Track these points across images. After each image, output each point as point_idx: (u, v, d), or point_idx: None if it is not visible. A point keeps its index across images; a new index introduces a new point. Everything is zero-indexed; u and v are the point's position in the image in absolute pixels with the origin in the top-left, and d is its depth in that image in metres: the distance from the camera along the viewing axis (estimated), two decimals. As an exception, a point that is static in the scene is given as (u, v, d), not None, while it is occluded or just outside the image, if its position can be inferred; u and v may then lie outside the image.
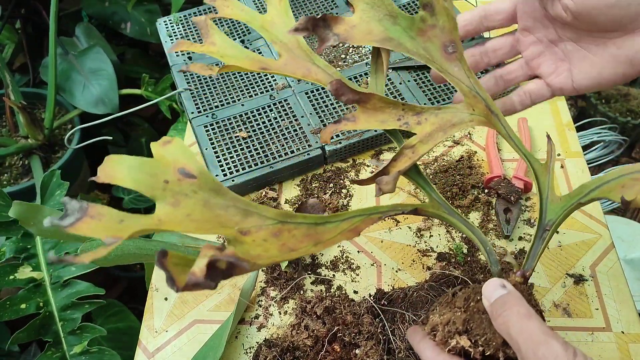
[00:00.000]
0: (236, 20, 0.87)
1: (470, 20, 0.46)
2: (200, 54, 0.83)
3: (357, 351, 0.53)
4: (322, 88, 0.77)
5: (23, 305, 0.70)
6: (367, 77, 0.77)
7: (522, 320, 0.34)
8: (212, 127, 0.73)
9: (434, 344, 0.40)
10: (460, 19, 0.46)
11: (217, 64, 0.81)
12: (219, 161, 0.69)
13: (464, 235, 0.65)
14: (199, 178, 0.32)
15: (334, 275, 0.62)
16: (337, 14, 0.88)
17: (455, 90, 0.45)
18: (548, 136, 0.45)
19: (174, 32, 0.86)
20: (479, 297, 0.38)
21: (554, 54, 0.44)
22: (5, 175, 1.17)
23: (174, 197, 0.31)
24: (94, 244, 0.50)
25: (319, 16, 0.43)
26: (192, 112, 0.75)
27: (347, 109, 0.74)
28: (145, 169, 0.31)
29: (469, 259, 0.62)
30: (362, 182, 0.42)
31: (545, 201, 0.42)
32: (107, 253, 0.28)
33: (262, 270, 0.63)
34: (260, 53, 0.82)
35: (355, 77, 0.78)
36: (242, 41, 0.84)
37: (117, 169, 0.31)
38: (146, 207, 1.26)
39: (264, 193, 0.70)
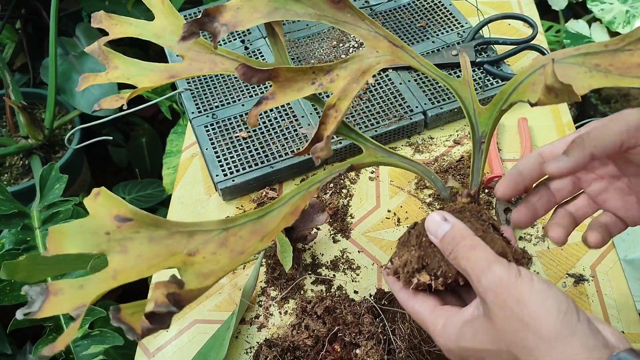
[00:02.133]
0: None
1: (531, 168, 0.42)
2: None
3: (357, 351, 0.53)
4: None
5: (23, 292, 0.71)
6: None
7: (468, 253, 0.35)
8: (213, 127, 0.73)
9: (401, 286, 0.41)
10: (519, 167, 0.42)
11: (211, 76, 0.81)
12: (219, 161, 0.69)
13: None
14: (135, 219, 0.34)
15: (334, 275, 0.62)
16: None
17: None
18: (460, 50, 0.46)
19: (174, 32, 0.86)
20: (426, 232, 0.39)
21: (619, 188, 0.42)
22: (6, 175, 1.17)
23: (120, 244, 0.33)
24: (103, 259, 0.50)
25: (199, 14, 0.42)
26: (193, 112, 0.75)
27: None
28: (86, 229, 0.33)
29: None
30: (300, 153, 0.42)
31: (473, 115, 0.43)
32: (79, 325, 0.29)
33: (263, 271, 0.63)
34: (260, 53, 0.82)
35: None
36: (242, 41, 0.84)
37: (62, 240, 0.32)
38: (146, 207, 1.26)
39: (264, 193, 0.70)
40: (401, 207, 0.68)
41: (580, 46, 0.38)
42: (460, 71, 0.78)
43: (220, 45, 0.84)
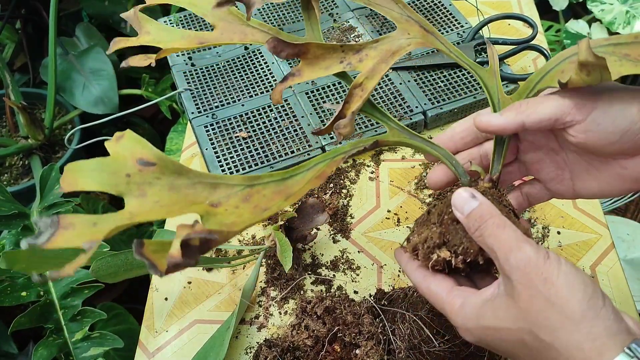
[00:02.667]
0: (236, 21, 0.87)
1: (468, 131, 0.44)
2: (200, 52, 0.83)
3: (357, 351, 0.53)
4: (322, 88, 0.77)
5: (24, 293, 0.71)
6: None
7: (496, 231, 0.35)
8: (213, 127, 0.73)
9: (418, 266, 0.41)
10: (456, 128, 0.44)
11: (215, 65, 0.81)
12: (219, 161, 0.69)
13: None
14: (158, 164, 0.33)
15: (334, 275, 0.62)
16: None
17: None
18: (487, 40, 0.46)
19: (174, 32, 0.86)
20: (450, 210, 0.39)
21: (555, 161, 0.43)
22: (6, 175, 1.17)
23: (139, 188, 0.32)
24: (104, 261, 0.50)
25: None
26: (192, 112, 0.75)
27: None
28: (105, 168, 0.32)
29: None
30: (320, 132, 0.42)
31: (497, 105, 0.43)
32: (88, 259, 0.28)
33: (263, 271, 0.63)
34: (260, 54, 0.82)
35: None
36: (242, 41, 0.84)
37: (78, 176, 0.31)
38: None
39: (264, 193, 0.70)
40: (401, 207, 0.68)
41: (610, 37, 0.38)
42: (460, 71, 0.78)
43: (220, 45, 0.84)
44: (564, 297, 0.32)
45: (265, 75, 0.79)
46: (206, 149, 0.71)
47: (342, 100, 0.42)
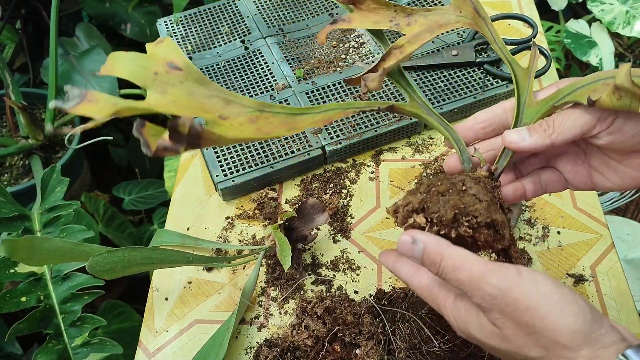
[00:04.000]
0: (236, 21, 0.87)
1: (489, 122, 0.44)
2: (200, 52, 0.83)
3: (357, 351, 0.53)
4: (322, 88, 0.77)
5: (23, 299, 0.70)
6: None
7: (454, 274, 0.34)
8: (213, 127, 0.73)
9: (409, 263, 0.40)
10: (477, 117, 0.44)
11: (215, 65, 0.81)
12: (219, 161, 0.69)
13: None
14: (184, 70, 0.36)
15: (334, 275, 0.62)
16: (337, 14, 0.88)
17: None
18: (533, 42, 0.46)
19: (174, 33, 0.87)
20: (439, 183, 0.39)
21: (575, 153, 0.43)
22: (6, 175, 1.17)
23: (162, 86, 0.35)
24: (101, 257, 0.50)
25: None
26: (193, 113, 0.75)
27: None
28: (139, 62, 0.35)
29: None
30: (351, 81, 0.42)
31: (522, 105, 0.43)
32: (95, 125, 0.32)
33: (263, 271, 0.63)
34: (261, 54, 0.82)
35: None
36: (243, 41, 0.84)
37: (116, 64, 0.35)
38: (147, 208, 1.26)
39: (264, 193, 0.70)
40: (401, 207, 0.68)
41: None
42: (460, 71, 0.78)
43: (221, 45, 0.84)
44: (550, 322, 0.31)
45: (265, 75, 0.79)
46: (206, 149, 0.71)
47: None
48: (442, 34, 0.83)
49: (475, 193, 0.38)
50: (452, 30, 0.84)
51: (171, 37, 0.86)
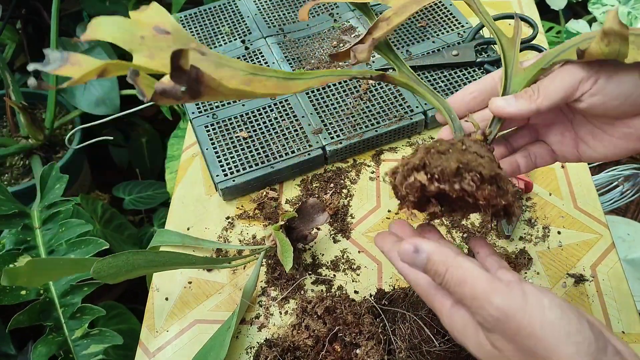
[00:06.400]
0: (236, 21, 0.87)
1: (480, 91, 0.44)
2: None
3: (357, 351, 0.53)
4: (322, 88, 0.77)
5: (23, 292, 0.71)
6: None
7: (458, 288, 0.33)
8: (213, 127, 0.73)
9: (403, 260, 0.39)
10: (469, 88, 0.44)
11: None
12: (220, 161, 0.69)
13: (464, 235, 0.65)
14: (172, 34, 0.35)
15: (334, 275, 0.62)
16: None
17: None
18: (515, 13, 0.47)
19: (175, 33, 0.86)
20: (438, 144, 0.38)
21: (562, 123, 0.44)
22: (6, 175, 1.17)
23: (149, 50, 0.34)
24: (105, 262, 0.50)
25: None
26: (193, 112, 0.75)
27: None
28: (125, 26, 0.34)
29: (469, 259, 0.62)
30: (338, 56, 0.42)
31: (510, 73, 0.43)
32: (90, 78, 0.31)
33: (263, 271, 0.63)
34: (261, 53, 0.82)
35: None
36: (243, 41, 0.84)
37: (99, 28, 0.33)
38: (147, 208, 1.26)
39: (264, 193, 0.70)
40: (401, 207, 0.68)
41: (633, 27, 0.38)
42: (460, 71, 0.78)
43: (221, 45, 0.84)
44: (553, 352, 0.30)
45: (266, 76, 0.79)
46: (206, 149, 0.71)
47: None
48: (442, 33, 0.83)
49: (476, 150, 0.37)
50: (453, 30, 0.84)
51: (171, 37, 0.86)
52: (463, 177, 0.36)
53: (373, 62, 0.79)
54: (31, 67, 0.31)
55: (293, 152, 0.70)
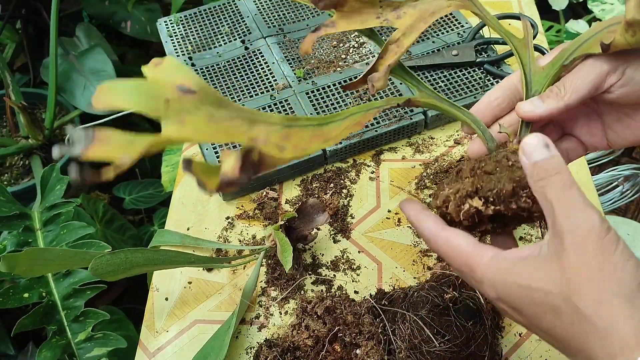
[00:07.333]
0: (236, 21, 0.87)
1: (503, 97, 0.44)
2: (200, 52, 0.83)
3: (357, 351, 0.53)
4: (322, 88, 0.77)
5: (26, 295, 0.71)
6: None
7: (563, 187, 0.33)
8: (213, 127, 0.73)
9: (435, 218, 0.39)
10: (490, 95, 0.44)
11: (215, 65, 0.81)
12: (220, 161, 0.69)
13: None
14: (198, 92, 0.32)
15: (334, 275, 0.62)
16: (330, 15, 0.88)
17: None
18: (521, 14, 0.46)
19: (174, 33, 0.87)
20: (483, 164, 0.38)
21: (587, 114, 0.44)
22: (6, 175, 1.17)
23: (178, 115, 0.31)
24: (103, 259, 0.50)
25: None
26: (193, 112, 0.75)
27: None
28: (144, 90, 0.31)
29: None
30: (351, 86, 0.41)
31: (529, 74, 0.42)
32: (115, 174, 0.28)
33: (263, 271, 0.63)
34: (261, 53, 0.82)
35: (355, 77, 0.78)
36: (243, 41, 0.84)
37: (113, 95, 0.30)
38: (146, 207, 1.26)
39: (264, 193, 0.70)
40: (401, 207, 0.68)
41: None
42: (460, 71, 0.78)
43: (221, 45, 0.84)
44: (617, 275, 0.31)
45: (266, 75, 0.79)
46: (206, 149, 0.71)
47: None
48: (442, 33, 0.83)
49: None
50: (452, 30, 0.83)
51: (171, 37, 0.86)
52: (519, 196, 0.36)
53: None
54: (56, 153, 0.28)
55: (293, 152, 0.70)
